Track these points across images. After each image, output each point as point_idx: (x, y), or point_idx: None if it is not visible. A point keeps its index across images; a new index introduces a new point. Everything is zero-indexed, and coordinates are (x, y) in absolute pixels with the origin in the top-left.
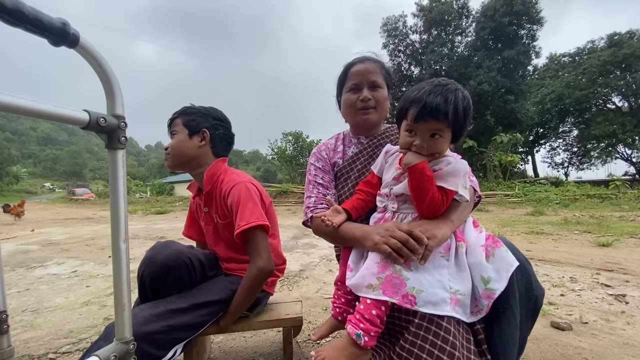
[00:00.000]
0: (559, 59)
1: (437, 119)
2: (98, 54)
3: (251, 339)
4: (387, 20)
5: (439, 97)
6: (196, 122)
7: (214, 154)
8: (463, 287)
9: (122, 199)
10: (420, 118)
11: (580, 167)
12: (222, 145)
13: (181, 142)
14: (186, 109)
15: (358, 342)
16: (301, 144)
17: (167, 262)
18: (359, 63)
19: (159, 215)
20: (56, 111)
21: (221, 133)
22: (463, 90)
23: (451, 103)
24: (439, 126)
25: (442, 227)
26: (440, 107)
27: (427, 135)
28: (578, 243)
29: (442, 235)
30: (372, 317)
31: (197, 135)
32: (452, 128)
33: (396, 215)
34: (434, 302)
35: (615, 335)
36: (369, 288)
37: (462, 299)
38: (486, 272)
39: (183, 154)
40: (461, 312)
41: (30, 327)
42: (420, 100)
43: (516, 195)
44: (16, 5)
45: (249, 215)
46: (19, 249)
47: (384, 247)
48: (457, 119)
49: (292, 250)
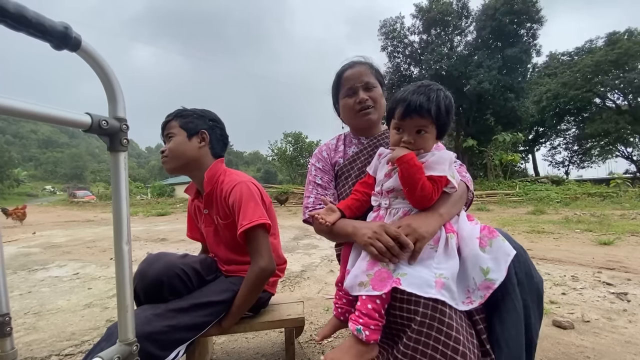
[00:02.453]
0: (558, 58)
1: (422, 115)
2: (100, 57)
3: (253, 339)
4: (385, 23)
5: (422, 96)
6: (194, 123)
7: (212, 154)
8: (447, 271)
9: (124, 201)
10: (406, 115)
11: (581, 165)
12: (219, 145)
13: (180, 145)
14: (180, 111)
15: (360, 338)
16: (301, 144)
17: (159, 276)
18: (349, 68)
19: (159, 217)
20: (58, 114)
21: (218, 134)
22: (445, 90)
23: (433, 101)
24: (424, 122)
25: (431, 223)
26: (423, 104)
27: (413, 131)
28: (579, 242)
29: (431, 232)
30: (369, 310)
31: (196, 136)
32: (436, 124)
33: (388, 211)
34: (417, 284)
35: (617, 333)
36: (361, 286)
37: (447, 282)
38: (485, 263)
39: (183, 156)
40: (448, 295)
41: (33, 329)
42: (405, 100)
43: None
44: (19, 10)
45: (252, 214)
46: (20, 251)
47: (370, 248)
48: (439, 115)
49: (293, 251)
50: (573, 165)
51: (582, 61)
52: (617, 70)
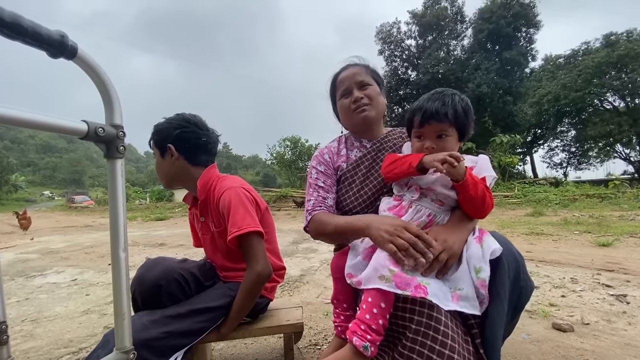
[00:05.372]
0: (554, 60)
1: (439, 120)
2: (96, 64)
3: (252, 345)
4: (381, 28)
5: (437, 102)
6: (160, 139)
7: (192, 163)
8: (461, 282)
9: (122, 208)
10: (423, 122)
11: (579, 167)
12: (196, 151)
13: (158, 165)
14: (155, 127)
15: (365, 354)
16: (300, 148)
17: (157, 281)
18: (343, 71)
19: (158, 222)
20: (55, 122)
21: (189, 138)
22: (460, 94)
23: (448, 104)
24: (442, 126)
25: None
26: (439, 109)
27: (433, 136)
28: (578, 243)
29: (461, 248)
30: (379, 326)
31: (167, 153)
32: (455, 126)
33: (413, 205)
34: (440, 296)
35: (617, 336)
36: (382, 279)
37: (462, 293)
38: (478, 263)
39: (164, 175)
40: (468, 305)
41: (30, 337)
42: (421, 108)
43: (516, 196)
44: (15, 19)
45: (240, 221)
46: (18, 257)
47: (389, 245)
48: (457, 117)
49: (293, 255)
50: (571, 167)
51: (582, 62)
52: (617, 72)
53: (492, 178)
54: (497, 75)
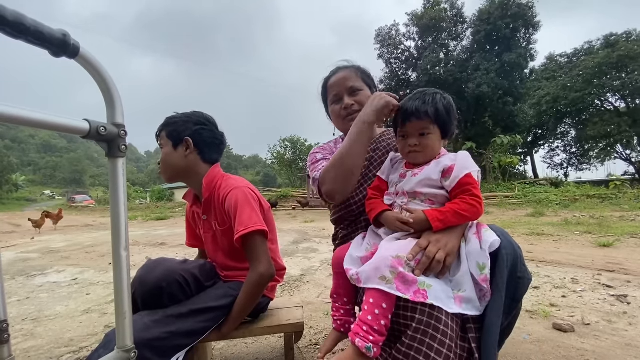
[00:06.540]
0: (555, 60)
1: (420, 117)
2: (98, 63)
3: (253, 345)
4: (380, 31)
5: (418, 100)
6: (177, 131)
7: (203, 160)
8: (463, 284)
9: (123, 207)
10: (406, 120)
11: (579, 167)
12: (210, 148)
13: (168, 155)
14: (168, 119)
15: (368, 355)
16: (300, 147)
17: (158, 282)
18: (333, 75)
19: (159, 222)
20: (56, 121)
21: (207, 136)
22: (443, 93)
23: (429, 102)
24: (424, 124)
25: (457, 236)
26: (419, 107)
27: (416, 134)
28: (579, 244)
29: (457, 246)
30: (381, 327)
31: (181, 145)
32: (437, 124)
33: (403, 211)
34: (443, 298)
35: (618, 336)
36: (382, 280)
37: (465, 295)
38: (480, 259)
39: (172, 167)
40: (470, 307)
41: (31, 336)
42: (403, 107)
43: (516, 196)
44: (17, 18)
45: (247, 220)
46: (19, 257)
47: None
48: (438, 114)
49: (293, 255)
50: (572, 167)
51: (582, 63)
52: (617, 72)
53: (477, 172)
54: (497, 75)
